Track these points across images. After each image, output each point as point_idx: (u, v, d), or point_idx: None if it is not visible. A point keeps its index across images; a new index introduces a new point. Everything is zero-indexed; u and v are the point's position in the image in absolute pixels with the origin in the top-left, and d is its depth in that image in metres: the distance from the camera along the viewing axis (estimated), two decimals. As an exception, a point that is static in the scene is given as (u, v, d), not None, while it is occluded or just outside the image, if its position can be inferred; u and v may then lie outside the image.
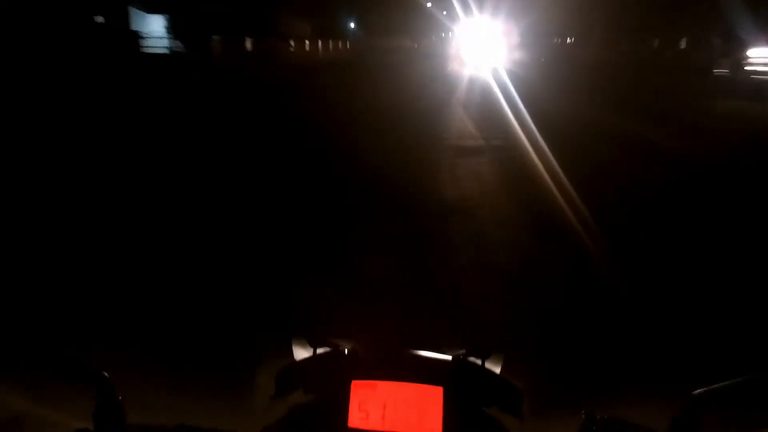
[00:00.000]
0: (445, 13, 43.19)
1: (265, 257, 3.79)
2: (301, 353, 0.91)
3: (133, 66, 14.50)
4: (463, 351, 0.89)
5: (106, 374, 0.76)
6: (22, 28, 15.24)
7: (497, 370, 0.88)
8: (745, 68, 19.20)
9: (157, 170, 6.34)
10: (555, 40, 40.35)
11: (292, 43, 27.82)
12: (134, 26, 25.64)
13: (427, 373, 0.85)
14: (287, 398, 0.88)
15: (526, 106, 11.15)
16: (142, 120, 9.83)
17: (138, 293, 3.15)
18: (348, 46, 37.09)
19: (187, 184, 5.74)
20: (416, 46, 53.15)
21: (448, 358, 0.88)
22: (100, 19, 23.76)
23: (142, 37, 22.95)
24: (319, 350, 0.90)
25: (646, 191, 5.74)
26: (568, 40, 39.96)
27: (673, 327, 2.80)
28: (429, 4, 45.29)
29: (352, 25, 49.41)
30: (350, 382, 0.83)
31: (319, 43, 31.47)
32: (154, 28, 25.56)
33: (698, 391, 0.71)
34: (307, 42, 29.89)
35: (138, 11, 26.85)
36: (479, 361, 0.88)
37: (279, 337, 0.93)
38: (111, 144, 7.83)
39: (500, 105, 12.50)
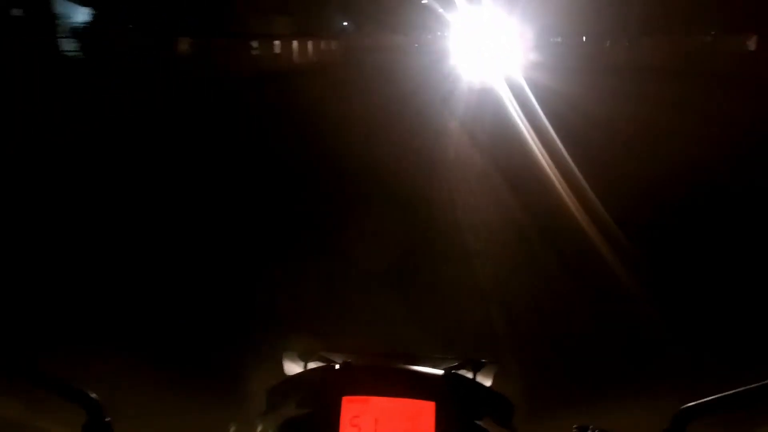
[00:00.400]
0: (443, 10, 37.86)
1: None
2: (292, 368, 0.90)
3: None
4: (454, 364, 0.88)
5: (94, 396, 0.76)
6: None
7: (489, 382, 0.88)
8: None
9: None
10: (557, 39, 34.47)
11: (254, 44, 22.45)
12: (61, 19, 21.02)
13: (419, 388, 0.83)
14: (278, 414, 0.85)
15: (583, 161, 5.85)
16: None
17: (120, 295, 3.08)
18: (333, 47, 31.61)
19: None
20: (417, 45, 48.10)
21: (440, 372, 0.87)
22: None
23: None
24: (311, 365, 0.89)
25: None
26: (581, 39, 33.84)
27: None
28: (425, 0, 39.98)
29: (345, 23, 44.77)
30: (341, 398, 0.81)
31: (294, 43, 26.03)
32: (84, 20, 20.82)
33: (688, 404, 0.73)
34: (277, 42, 24.42)
35: (67, 2, 22.18)
36: (471, 374, 0.87)
37: (270, 340, 1.06)
38: None
39: (533, 152, 7.21)
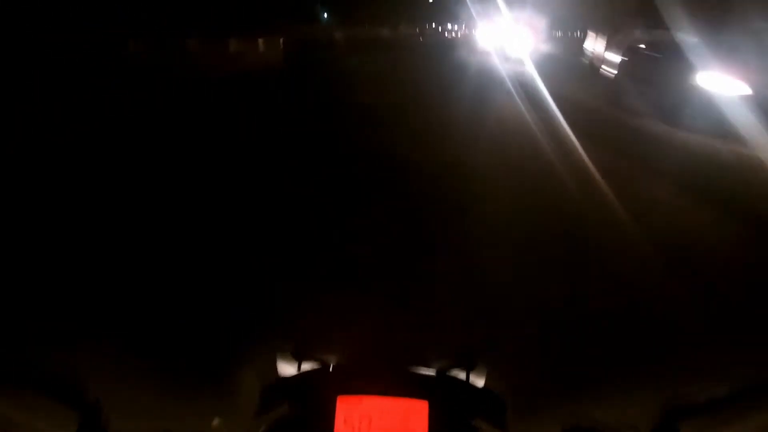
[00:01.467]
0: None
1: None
2: (286, 368, 0.91)
3: None
4: (447, 364, 0.90)
5: (91, 399, 0.76)
6: None
7: (481, 381, 0.90)
8: None
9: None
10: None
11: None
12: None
13: (413, 387, 0.84)
14: (272, 414, 0.84)
15: None
16: None
17: (117, 292, 3.01)
18: (282, 43, 20.92)
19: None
20: (421, 36, 39.68)
21: (433, 371, 0.89)
22: None
23: None
24: (305, 365, 0.90)
25: None
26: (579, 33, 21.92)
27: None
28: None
29: (324, 13, 34.43)
30: (336, 398, 0.81)
31: (192, 43, 15.26)
32: None
33: (678, 397, 0.73)
34: (133, 43, 13.57)
35: None
36: (463, 374, 0.90)
37: (263, 338, 1.05)
38: None
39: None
